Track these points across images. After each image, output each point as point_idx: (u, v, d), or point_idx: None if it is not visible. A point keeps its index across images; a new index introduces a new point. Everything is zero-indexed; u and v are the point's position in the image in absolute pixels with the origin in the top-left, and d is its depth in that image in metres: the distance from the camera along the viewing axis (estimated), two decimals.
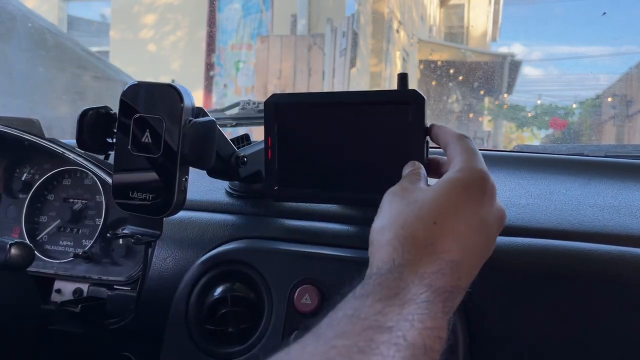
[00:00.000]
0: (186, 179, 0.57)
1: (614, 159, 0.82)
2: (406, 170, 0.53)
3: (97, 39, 6.20)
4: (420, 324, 0.37)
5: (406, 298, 0.38)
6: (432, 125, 0.57)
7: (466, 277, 0.43)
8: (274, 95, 0.63)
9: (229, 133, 0.70)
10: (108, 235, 0.70)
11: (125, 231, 0.60)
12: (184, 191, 0.57)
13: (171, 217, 0.58)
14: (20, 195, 0.86)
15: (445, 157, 0.54)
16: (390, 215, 0.45)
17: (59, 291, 0.76)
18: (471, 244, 0.43)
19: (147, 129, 0.56)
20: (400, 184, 0.49)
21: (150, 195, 0.57)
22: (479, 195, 0.45)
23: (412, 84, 0.59)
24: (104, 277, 0.75)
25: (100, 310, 0.72)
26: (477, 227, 0.44)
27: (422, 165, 0.53)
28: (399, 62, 5.86)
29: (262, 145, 0.66)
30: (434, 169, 0.56)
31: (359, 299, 0.39)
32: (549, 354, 0.52)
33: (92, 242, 0.79)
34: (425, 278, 0.40)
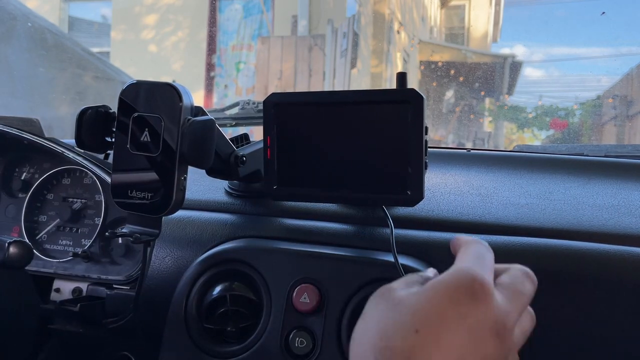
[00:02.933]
0: (185, 178, 0.57)
1: (614, 159, 0.82)
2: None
3: (98, 39, 6.21)
4: None
5: None
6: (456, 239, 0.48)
7: None
8: (273, 95, 0.63)
9: (229, 133, 0.70)
10: (107, 234, 0.70)
11: (124, 230, 0.60)
12: (182, 190, 0.57)
13: (170, 216, 0.58)
14: (20, 195, 0.86)
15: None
16: (372, 320, 0.40)
17: (58, 290, 0.76)
18: (458, 356, 0.36)
19: (146, 128, 0.56)
20: (393, 283, 0.43)
21: (149, 194, 0.57)
22: (466, 299, 0.38)
23: (413, 85, 0.59)
24: (103, 277, 0.75)
25: (99, 310, 0.72)
26: (465, 336, 0.37)
27: (434, 270, 0.46)
28: (399, 63, 5.86)
29: (261, 145, 0.66)
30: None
31: None
32: (547, 353, 0.52)
33: (91, 241, 0.79)
34: None
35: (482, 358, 0.37)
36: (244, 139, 0.71)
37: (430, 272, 0.45)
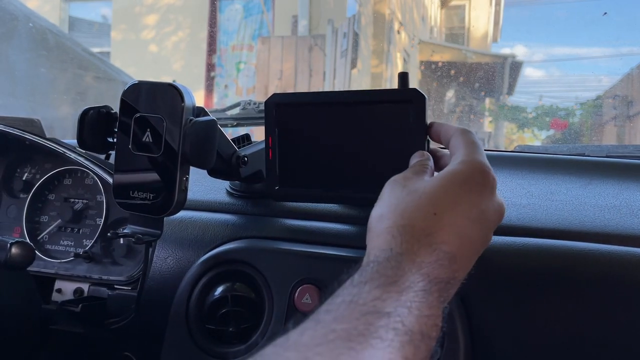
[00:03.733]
0: (187, 179, 0.57)
1: (615, 159, 0.82)
2: (414, 159, 0.54)
3: (98, 40, 6.21)
4: (418, 311, 0.38)
5: (404, 285, 0.39)
6: (432, 123, 0.57)
7: (463, 269, 0.43)
8: (274, 95, 0.63)
9: (230, 134, 0.70)
10: (109, 234, 0.70)
11: (125, 231, 0.60)
12: (184, 190, 0.57)
13: (172, 216, 0.58)
14: (21, 195, 0.86)
15: (446, 150, 0.54)
16: (390, 203, 0.46)
17: (59, 291, 0.76)
18: (469, 237, 0.43)
19: (147, 128, 0.56)
20: (404, 174, 0.49)
21: (151, 195, 0.57)
22: (479, 188, 0.45)
23: (413, 85, 0.59)
24: (105, 277, 0.75)
25: (101, 310, 0.72)
26: (476, 220, 0.44)
27: (430, 157, 0.54)
28: (400, 63, 5.86)
29: (263, 145, 0.66)
30: (435, 161, 0.55)
31: (357, 286, 0.39)
32: (548, 353, 0.52)
33: (92, 241, 0.79)
34: (423, 267, 0.40)
35: (485, 236, 0.45)
36: (245, 139, 0.71)
37: (429, 160, 0.53)
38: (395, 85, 0.59)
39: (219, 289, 0.62)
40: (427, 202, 0.44)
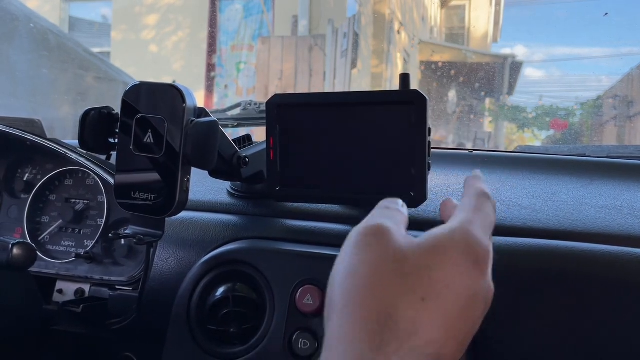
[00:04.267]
0: (188, 179, 0.57)
1: (616, 160, 0.82)
2: (383, 203, 0.41)
3: (98, 40, 6.22)
4: None
5: None
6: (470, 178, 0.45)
7: None
8: (275, 96, 0.63)
9: (230, 134, 0.70)
10: (110, 235, 0.70)
11: (127, 231, 0.60)
12: (186, 191, 0.57)
13: (173, 217, 0.59)
14: (22, 196, 0.86)
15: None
16: (364, 268, 0.35)
17: (60, 291, 0.76)
18: (457, 328, 0.34)
19: (149, 129, 0.56)
20: (378, 222, 0.37)
21: (152, 196, 0.57)
22: (472, 268, 0.35)
23: (413, 85, 0.59)
24: (106, 278, 0.75)
25: (102, 311, 0.72)
26: (465, 307, 0.34)
27: (404, 204, 0.42)
28: (400, 63, 5.86)
29: (264, 146, 0.66)
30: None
31: None
32: (551, 354, 0.52)
33: (93, 242, 0.79)
34: None
35: (470, 330, 0.35)
36: (246, 140, 0.72)
37: (405, 208, 0.41)
38: (395, 85, 0.60)
39: (220, 290, 0.62)
40: (416, 282, 0.34)
